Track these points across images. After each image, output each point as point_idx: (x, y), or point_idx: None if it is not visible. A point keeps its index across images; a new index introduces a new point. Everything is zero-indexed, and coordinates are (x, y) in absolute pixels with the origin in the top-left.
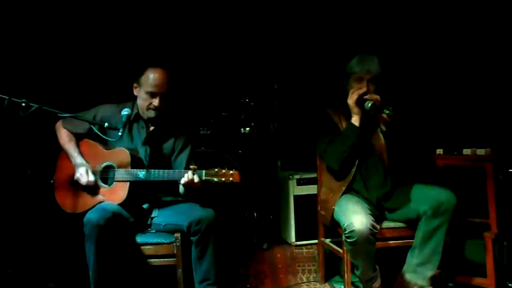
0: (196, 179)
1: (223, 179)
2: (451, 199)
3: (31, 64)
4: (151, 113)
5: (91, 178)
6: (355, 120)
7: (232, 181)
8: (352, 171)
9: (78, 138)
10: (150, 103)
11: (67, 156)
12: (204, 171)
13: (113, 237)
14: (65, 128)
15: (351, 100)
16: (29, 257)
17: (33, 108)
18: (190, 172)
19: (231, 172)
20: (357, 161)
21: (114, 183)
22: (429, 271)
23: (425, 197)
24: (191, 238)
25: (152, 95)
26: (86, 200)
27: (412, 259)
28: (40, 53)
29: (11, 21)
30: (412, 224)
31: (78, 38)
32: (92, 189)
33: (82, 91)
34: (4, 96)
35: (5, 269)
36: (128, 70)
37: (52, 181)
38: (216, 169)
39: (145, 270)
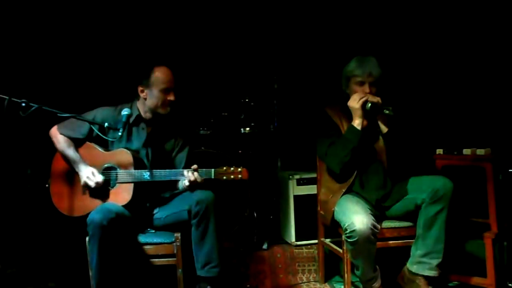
0: (198, 178)
1: (232, 176)
2: (447, 184)
3: (31, 64)
4: (168, 109)
5: (100, 178)
6: (358, 123)
7: (240, 178)
8: (353, 174)
9: (76, 143)
10: (166, 100)
11: (67, 162)
12: (213, 170)
13: (116, 237)
14: (62, 134)
15: (355, 103)
16: (29, 257)
17: (33, 108)
18: (190, 173)
19: (239, 169)
20: (357, 163)
21: (117, 184)
22: (435, 260)
23: (421, 186)
24: (192, 221)
25: (167, 91)
26: (86, 202)
27: (416, 251)
28: (40, 53)
29: (11, 21)
30: (411, 217)
31: (78, 39)
32: (100, 190)
33: (82, 92)
34: (4, 96)
35: (5, 269)
36: (127, 71)
37: (47, 185)
38: (224, 167)
39: (145, 269)
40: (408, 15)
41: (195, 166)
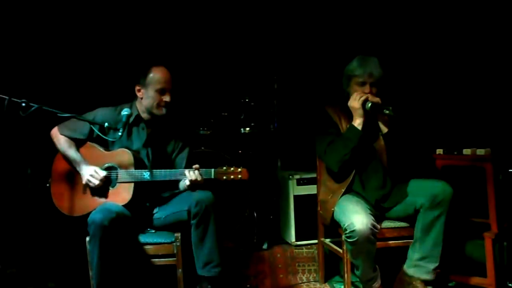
0: (199, 177)
1: (232, 176)
2: (447, 189)
3: (31, 64)
4: (163, 110)
5: (103, 174)
6: (358, 123)
7: (240, 178)
8: (351, 174)
9: (77, 143)
10: (161, 100)
11: (68, 162)
12: (213, 170)
13: (117, 237)
14: (62, 134)
15: (356, 103)
16: (29, 257)
17: (33, 108)
18: (192, 172)
19: (239, 169)
20: (356, 163)
21: (117, 184)
22: (432, 264)
23: (421, 190)
24: (191, 222)
25: (162, 92)
26: (86, 202)
27: (413, 254)
28: (40, 53)
29: (11, 21)
30: (411, 220)
31: (78, 39)
32: (101, 190)
33: (82, 92)
34: (4, 96)
35: (5, 269)
36: (127, 71)
37: (48, 185)
38: (224, 167)
39: (145, 269)
40: (408, 15)
41: (196, 166)
